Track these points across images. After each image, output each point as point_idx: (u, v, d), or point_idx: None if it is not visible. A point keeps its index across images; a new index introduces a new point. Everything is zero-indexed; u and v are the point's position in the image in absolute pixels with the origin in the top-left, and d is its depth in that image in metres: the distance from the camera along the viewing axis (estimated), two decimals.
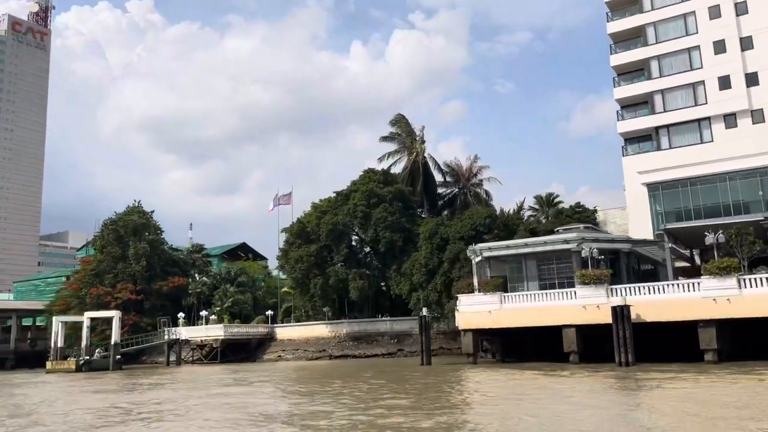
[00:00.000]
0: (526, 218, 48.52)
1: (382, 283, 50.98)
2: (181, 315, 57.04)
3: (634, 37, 47.10)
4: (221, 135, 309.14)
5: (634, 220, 44.07)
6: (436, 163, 55.61)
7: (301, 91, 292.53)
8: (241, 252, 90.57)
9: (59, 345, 49.99)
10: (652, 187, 43.37)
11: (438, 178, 56.24)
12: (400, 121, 54.55)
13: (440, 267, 42.30)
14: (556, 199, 52.98)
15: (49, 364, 48.58)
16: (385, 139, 55.10)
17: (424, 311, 37.23)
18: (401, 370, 32.91)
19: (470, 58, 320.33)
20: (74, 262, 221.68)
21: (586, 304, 30.35)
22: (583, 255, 31.38)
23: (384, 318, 50.86)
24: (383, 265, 48.96)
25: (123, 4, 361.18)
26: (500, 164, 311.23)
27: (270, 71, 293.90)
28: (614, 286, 30.61)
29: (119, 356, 48.85)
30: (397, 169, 54.14)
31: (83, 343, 49.61)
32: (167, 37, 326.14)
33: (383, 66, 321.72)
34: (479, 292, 33.35)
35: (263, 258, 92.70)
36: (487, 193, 55.70)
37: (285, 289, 60.13)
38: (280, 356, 52.35)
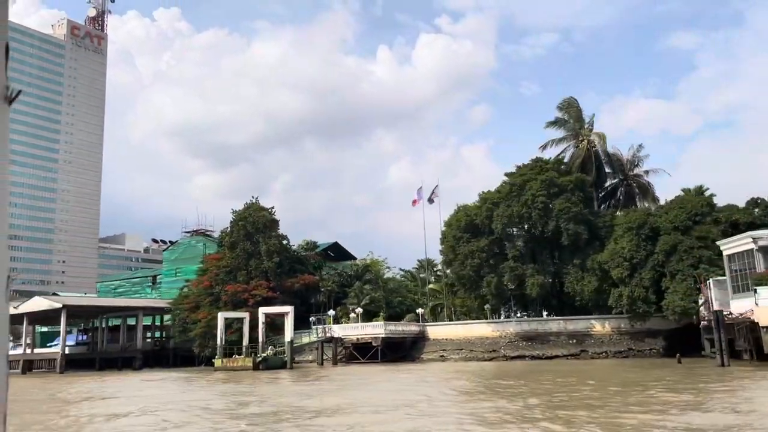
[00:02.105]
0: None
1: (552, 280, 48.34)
2: (330, 312, 55.08)
3: None
4: (248, 140, 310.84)
5: None
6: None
7: (327, 96, 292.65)
8: (332, 252, 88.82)
9: (222, 342, 48.26)
10: None
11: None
12: (569, 106, 51.78)
13: (647, 260, 39.52)
14: None
15: (218, 362, 46.99)
16: (552, 124, 52.41)
17: (716, 305, 32.70)
18: (691, 374, 29.40)
19: (497, 61, 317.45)
20: (134, 264, 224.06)
21: None
22: None
23: (557, 317, 48.20)
24: (560, 260, 46.35)
25: (151, 12, 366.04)
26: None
27: (297, 76, 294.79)
28: None
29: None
30: (556, 157, 51.31)
31: (260, 339, 47.75)
32: (195, 44, 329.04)
33: (410, 70, 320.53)
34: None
35: (353, 257, 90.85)
36: (649, 184, 52.76)
37: (431, 286, 57.93)
38: (442, 356, 50.05)
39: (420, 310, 55.14)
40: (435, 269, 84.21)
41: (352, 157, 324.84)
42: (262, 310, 49.56)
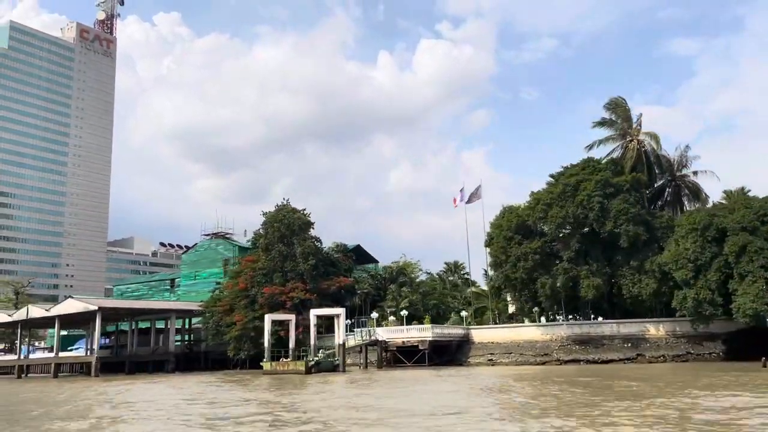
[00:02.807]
0: None
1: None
2: (374, 315, 54.06)
3: None
4: (249, 144, 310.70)
5: None
6: None
7: (328, 100, 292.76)
8: (354, 254, 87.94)
9: (269, 345, 47.23)
10: None
11: None
12: (617, 106, 50.97)
13: (713, 261, 38.63)
14: None
15: (266, 365, 45.93)
16: (599, 125, 51.56)
17: None
18: None
19: (497, 66, 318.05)
20: (142, 268, 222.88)
21: None
22: None
23: (609, 320, 47.21)
24: (615, 262, 45.42)
25: (151, 17, 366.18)
26: (523, 172, 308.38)
27: (298, 80, 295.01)
28: None
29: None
30: (608, 157, 50.47)
31: (312, 342, 46.70)
32: (196, 48, 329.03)
33: (410, 75, 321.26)
34: None
35: (375, 260, 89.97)
36: (698, 185, 51.91)
37: (471, 289, 57.00)
38: (491, 360, 49.10)
39: (464, 313, 54.19)
40: (462, 272, 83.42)
41: (352, 161, 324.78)
42: (314, 312, 48.57)
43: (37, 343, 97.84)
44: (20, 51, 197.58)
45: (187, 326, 71.49)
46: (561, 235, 45.26)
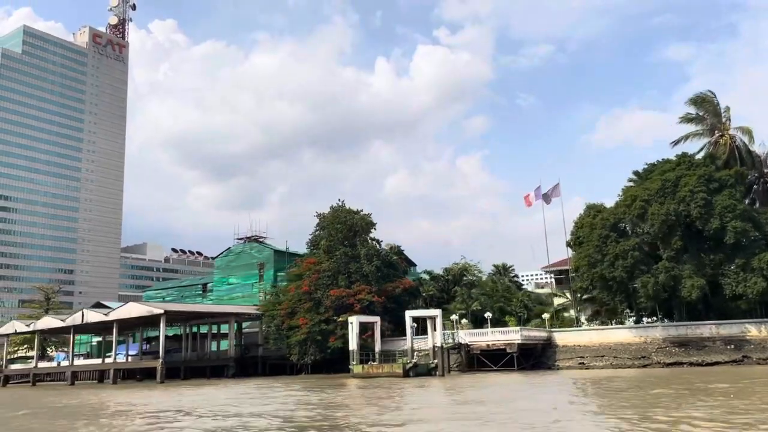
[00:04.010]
0: None
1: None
2: (453, 317, 52.15)
3: None
4: (246, 151, 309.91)
5: None
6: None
7: (325, 107, 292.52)
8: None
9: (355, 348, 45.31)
10: None
11: None
12: (704, 101, 49.37)
13: None
14: None
15: (357, 368, 43.98)
16: (687, 120, 49.92)
17: None
18: None
19: (494, 72, 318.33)
20: (155, 274, 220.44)
21: None
22: None
23: (708, 321, 45.41)
24: (717, 260, 43.65)
25: (146, 25, 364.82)
26: (517, 178, 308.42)
27: (295, 87, 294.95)
28: None
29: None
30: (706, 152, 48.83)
31: (409, 344, 44.79)
32: (192, 55, 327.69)
33: (407, 82, 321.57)
34: None
35: (414, 264, 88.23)
36: None
37: (544, 290, 55.22)
38: (582, 363, 47.28)
39: (545, 315, 52.36)
40: (512, 274, 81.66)
41: (349, 168, 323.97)
42: (409, 314, 46.76)
43: (66, 350, 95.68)
44: (34, 56, 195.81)
45: (238, 330, 69.53)
46: (661, 232, 43.47)
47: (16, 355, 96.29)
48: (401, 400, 26.29)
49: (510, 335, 47.65)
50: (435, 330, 44.93)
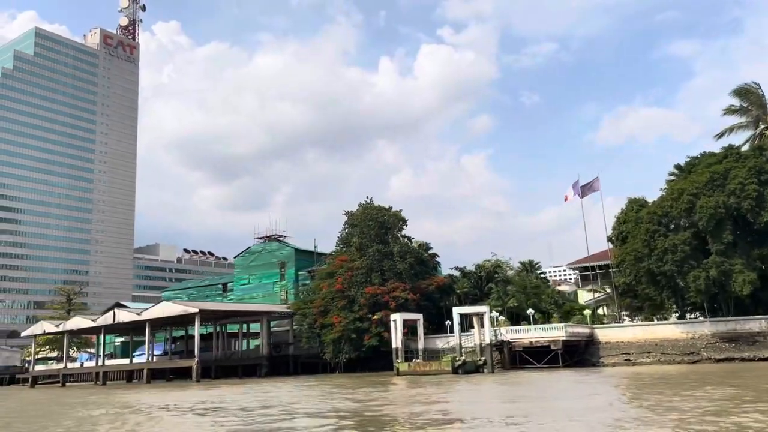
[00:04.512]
0: None
1: None
2: (494, 314, 51.33)
3: None
4: (250, 152, 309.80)
5: None
6: None
7: (329, 107, 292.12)
8: None
9: (399, 345, 44.62)
10: None
11: None
12: (748, 92, 48.48)
13: None
14: None
15: (402, 366, 43.31)
16: (731, 112, 49.07)
17: None
18: None
19: (498, 71, 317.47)
20: (167, 274, 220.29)
21: None
22: None
23: (758, 316, 44.54)
24: (763, 254, 42.78)
25: (150, 27, 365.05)
26: (521, 176, 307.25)
27: (299, 88, 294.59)
28: None
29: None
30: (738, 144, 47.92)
31: (457, 341, 44.10)
32: (196, 57, 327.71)
33: (411, 81, 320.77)
34: None
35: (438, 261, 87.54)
36: None
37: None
38: (628, 360, 46.51)
39: (587, 312, 51.59)
40: (538, 270, 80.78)
41: (353, 168, 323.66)
42: (456, 310, 46.15)
43: (91, 351, 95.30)
44: (46, 57, 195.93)
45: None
46: (710, 226, 42.58)
47: (37, 356, 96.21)
48: (477, 396, 25.63)
49: (554, 332, 46.90)
50: (482, 327, 44.16)
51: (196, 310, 51.86)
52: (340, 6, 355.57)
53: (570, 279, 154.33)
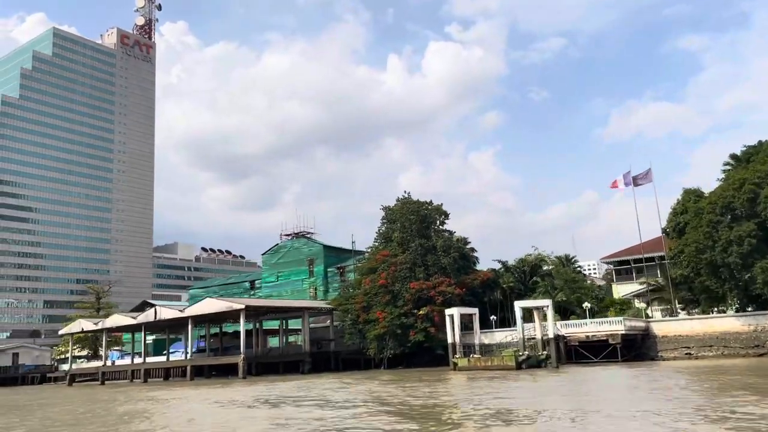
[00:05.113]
0: None
1: None
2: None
3: None
4: (258, 151, 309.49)
5: None
6: None
7: (337, 106, 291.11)
8: None
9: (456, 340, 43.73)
10: None
11: None
12: None
13: None
14: None
15: (461, 361, 42.41)
16: None
17: None
18: None
19: (506, 67, 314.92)
20: (186, 273, 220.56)
21: None
22: None
23: None
24: None
25: (158, 27, 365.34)
26: (529, 173, 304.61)
27: (307, 87, 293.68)
28: None
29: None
30: None
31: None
32: (204, 57, 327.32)
33: (420, 79, 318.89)
34: None
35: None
36: None
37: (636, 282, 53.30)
38: (689, 354, 45.52)
39: (641, 305, 50.50)
40: (574, 263, 79.56)
41: (361, 166, 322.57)
42: (519, 304, 45.21)
43: (119, 349, 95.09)
44: (64, 58, 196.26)
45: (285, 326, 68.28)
46: None
47: (66, 355, 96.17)
48: (568, 390, 24.72)
49: (613, 326, 45.87)
50: (545, 320, 43.18)
51: (242, 306, 51.21)
52: (347, 4, 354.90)
53: (595, 273, 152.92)
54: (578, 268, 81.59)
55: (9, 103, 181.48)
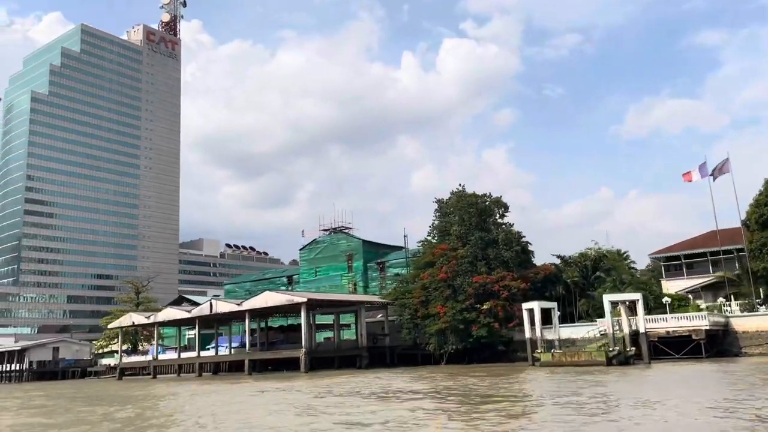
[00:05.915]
0: None
1: None
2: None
3: None
4: (273, 149, 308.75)
5: None
6: None
7: (352, 103, 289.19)
8: None
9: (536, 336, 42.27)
10: None
11: None
12: None
13: None
14: None
15: (545, 356, 40.95)
16: None
17: None
18: None
19: (522, 64, 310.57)
20: (212, 269, 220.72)
21: None
22: None
23: None
24: None
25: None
26: (544, 170, 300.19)
27: (322, 84, 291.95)
28: None
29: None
30: None
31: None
32: (219, 55, 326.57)
33: (434, 76, 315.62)
34: None
35: None
36: None
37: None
38: None
39: (722, 299, 48.70)
40: (626, 260, 77.56)
41: (376, 164, 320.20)
42: (607, 297, 43.70)
43: (163, 343, 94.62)
44: (92, 54, 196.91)
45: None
46: None
47: (107, 349, 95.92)
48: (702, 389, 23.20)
49: (696, 321, 44.15)
50: (636, 314, 41.59)
51: (305, 300, 50.14)
52: (362, 1, 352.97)
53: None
54: (632, 264, 79.75)
55: (38, 100, 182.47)
